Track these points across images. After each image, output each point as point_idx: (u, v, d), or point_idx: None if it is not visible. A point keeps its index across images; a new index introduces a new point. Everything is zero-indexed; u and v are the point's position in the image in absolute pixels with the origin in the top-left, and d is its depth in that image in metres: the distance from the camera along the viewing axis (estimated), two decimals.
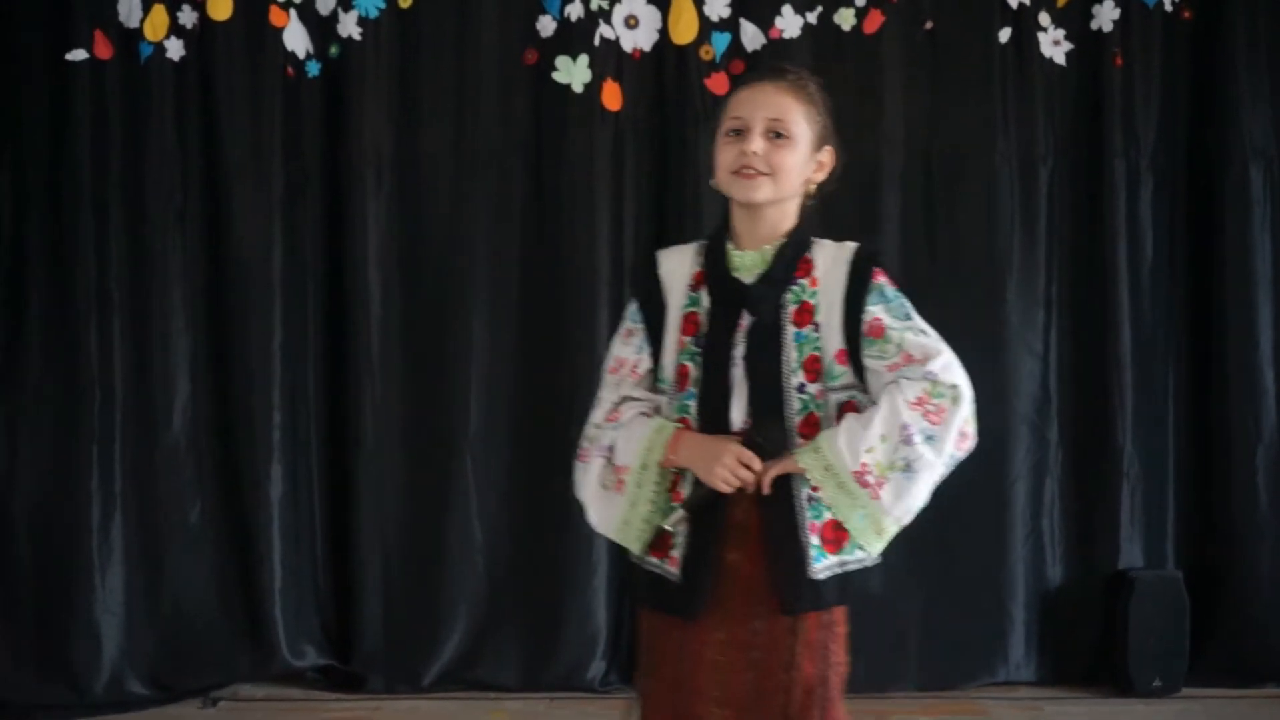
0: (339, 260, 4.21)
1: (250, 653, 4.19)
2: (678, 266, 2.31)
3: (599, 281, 4.14)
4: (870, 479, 2.17)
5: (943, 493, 4.15)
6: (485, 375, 4.18)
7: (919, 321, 2.26)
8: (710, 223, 2.43)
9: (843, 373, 2.24)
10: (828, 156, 2.32)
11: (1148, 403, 4.21)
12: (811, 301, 2.24)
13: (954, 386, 2.21)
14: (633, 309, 2.34)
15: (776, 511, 2.20)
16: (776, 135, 2.24)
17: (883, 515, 2.21)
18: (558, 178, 4.19)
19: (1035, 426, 4.21)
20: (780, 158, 2.23)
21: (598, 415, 2.31)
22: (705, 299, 2.27)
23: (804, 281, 2.25)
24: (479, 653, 4.19)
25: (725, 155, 2.26)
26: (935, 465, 2.21)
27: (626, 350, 2.32)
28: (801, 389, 2.22)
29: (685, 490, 2.24)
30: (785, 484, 2.20)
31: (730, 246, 2.29)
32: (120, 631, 4.11)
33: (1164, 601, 4.10)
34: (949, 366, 2.22)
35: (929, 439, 2.18)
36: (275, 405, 4.16)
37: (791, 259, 2.26)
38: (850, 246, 2.30)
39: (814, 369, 2.23)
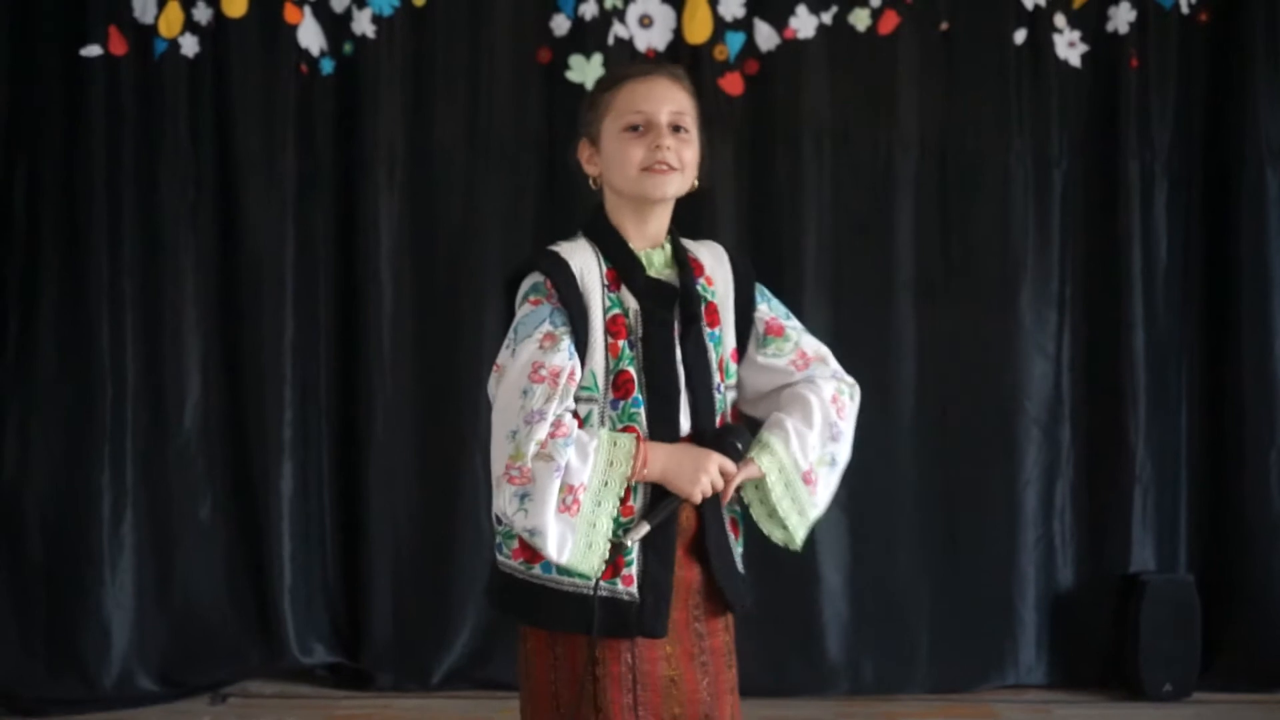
0: (351, 257, 4.22)
1: (260, 649, 4.19)
2: (585, 265, 2.15)
3: None
4: (812, 476, 2.20)
5: (954, 494, 4.18)
6: None
7: (796, 320, 2.29)
8: (699, 223, 2.41)
9: (734, 371, 2.24)
10: (702, 152, 2.27)
11: (1161, 405, 4.20)
12: (714, 301, 2.22)
13: (853, 385, 2.27)
14: (544, 312, 2.10)
15: (713, 514, 2.17)
16: (678, 129, 2.18)
17: (813, 510, 2.22)
18: (570, 176, 4.17)
19: (1047, 429, 4.20)
20: (686, 154, 2.18)
21: (540, 432, 2.03)
22: (629, 300, 2.15)
23: (701, 281, 2.22)
24: (488, 651, 4.18)
25: (632, 151, 2.15)
26: (846, 458, 2.25)
27: (554, 357, 2.06)
28: (718, 389, 2.20)
29: (637, 503, 2.11)
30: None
31: (633, 247, 2.19)
32: (130, 627, 4.12)
33: (1176, 605, 4.09)
34: (837, 364, 2.28)
35: (843, 434, 2.23)
36: (286, 402, 4.17)
37: (686, 258, 2.22)
38: (717, 246, 2.29)
39: (721, 369, 2.21)
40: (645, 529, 2.07)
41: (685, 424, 2.16)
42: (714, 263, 2.25)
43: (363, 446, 4.21)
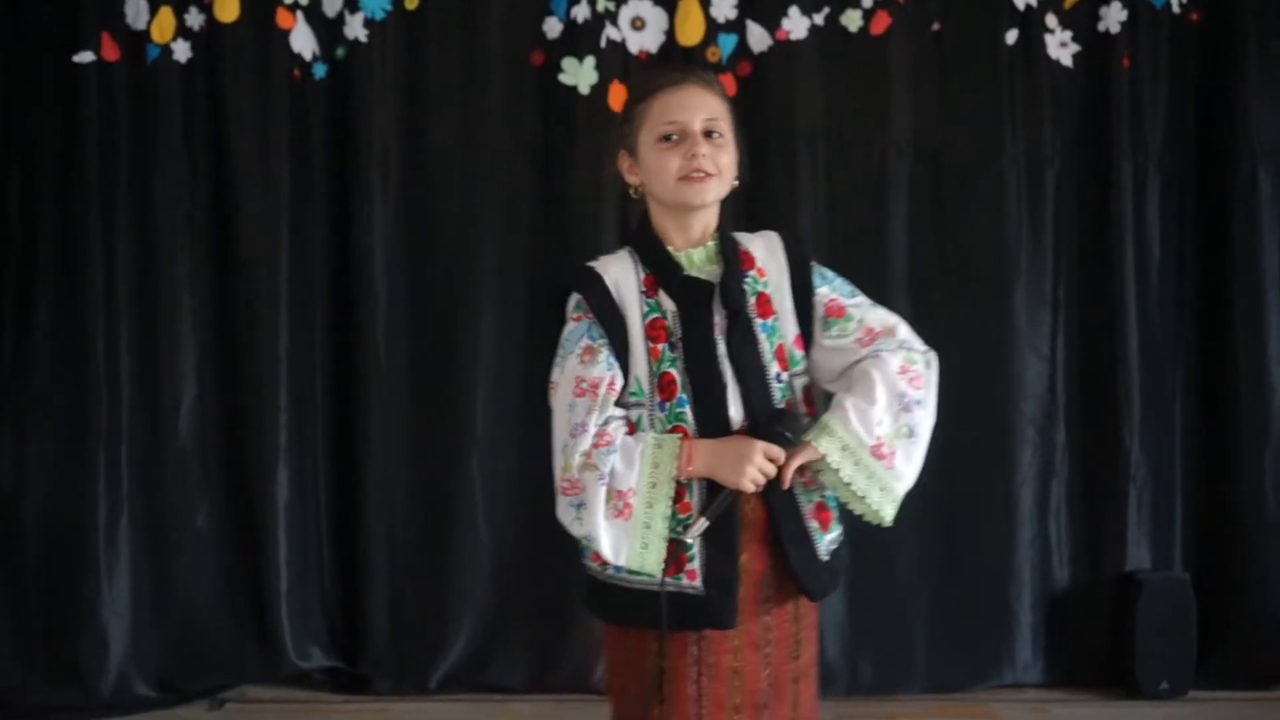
0: (346, 262, 4.22)
1: (257, 655, 4.19)
2: (621, 275, 2.26)
3: None
4: (884, 450, 2.22)
5: (950, 494, 4.19)
6: (492, 377, 4.18)
7: (863, 295, 2.34)
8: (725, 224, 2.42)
9: (801, 357, 2.29)
10: (739, 153, 2.34)
11: (1155, 404, 4.21)
12: (766, 292, 2.28)
13: (925, 352, 2.32)
14: (583, 327, 2.24)
15: (783, 503, 2.22)
16: (711, 134, 2.25)
17: (897, 483, 2.24)
18: (564, 179, 4.19)
19: (1042, 428, 4.21)
20: (722, 159, 2.25)
21: (584, 443, 2.15)
22: (667, 303, 2.24)
23: (753, 273, 2.28)
24: (486, 655, 4.20)
25: (669, 162, 2.23)
26: (928, 427, 2.29)
27: (594, 370, 2.20)
28: (778, 378, 2.25)
29: (693, 499, 2.19)
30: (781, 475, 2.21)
31: (672, 250, 2.28)
32: (127, 633, 4.12)
33: (1172, 604, 4.10)
34: (911, 333, 2.32)
35: (919, 403, 2.26)
36: (282, 408, 4.16)
37: (735, 253, 2.28)
38: (773, 235, 2.34)
39: (781, 357, 2.26)
40: (703, 524, 2.15)
41: (737, 417, 2.21)
42: (766, 254, 2.31)
43: (359, 452, 4.21)
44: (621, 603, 2.23)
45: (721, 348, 2.21)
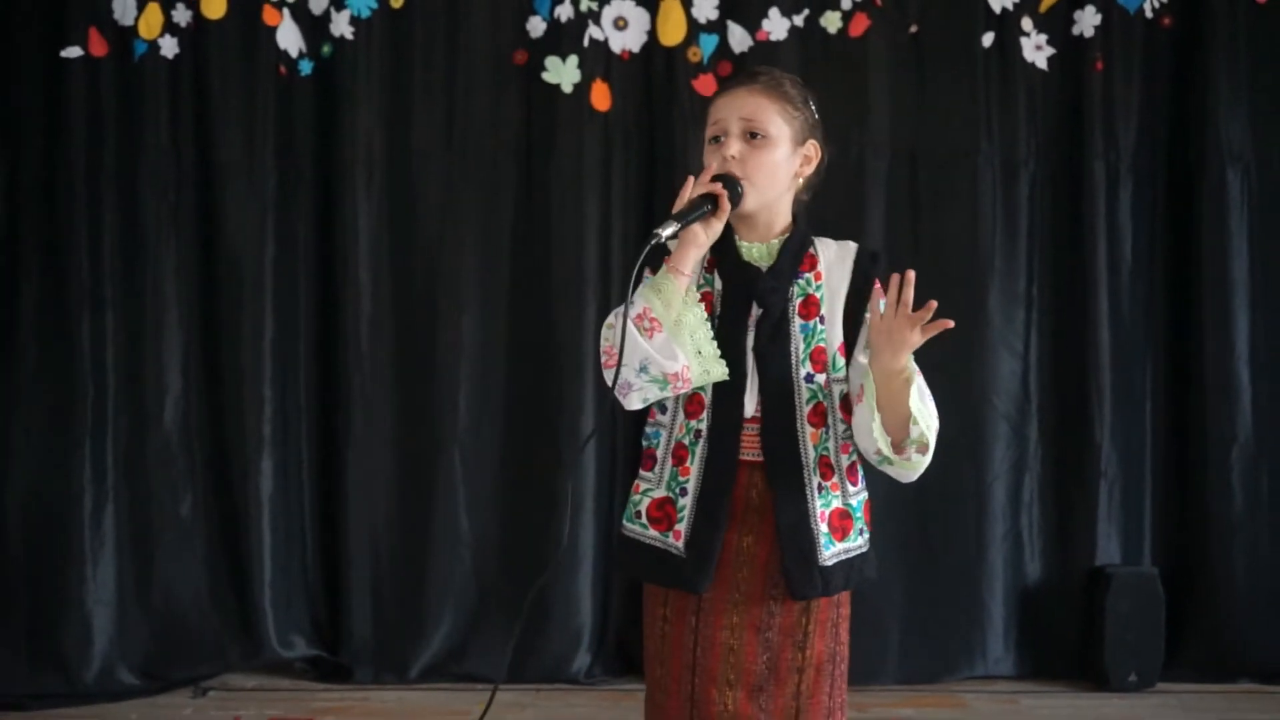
0: (330, 257, 4.25)
1: (240, 643, 4.22)
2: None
3: (587, 279, 4.19)
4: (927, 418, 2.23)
5: (924, 489, 4.23)
6: (474, 371, 4.22)
7: None
8: None
9: (844, 365, 2.30)
10: (813, 150, 2.35)
11: (1126, 402, 4.27)
12: (817, 295, 2.30)
13: (932, 417, 2.26)
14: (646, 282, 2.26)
15: (790, 497, 2.25)
16: (753, 135, 2.27)
17: (933, 438, 2.24)
18: (547, 176, 4.23)
19: (1015, 425, 4.27)
20: (758, 159, 2.26)
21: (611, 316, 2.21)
22: (718, 282, 2.29)
23: (809, 275, 2.30)
24: (465, 645, 4.24)
25: (709, 161, 2.29)
26: (926, 459, 2.26)
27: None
28: (809, 379, 2.27)
29: (693, 465, 2.26)
30: (798, 472, 2.25)
31: (737, 238, 2.31)
32: (112, 622, 4.14)
33: (1140, 597, 4.17)
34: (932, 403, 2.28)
35: (928, 433, 2.24)
36: (266, 400, 4.20)
37: (797, 253, 2.30)
38: (852, 246, 2.36)
39: (820, 360, 2.28)
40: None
41: (750, 406, 2.26)
42: (836, 260, 2.33)
43: (342, 444, 4.24)
44: (633, 555, 2.32)
45: (750, 339, 2.26)
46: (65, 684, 4.07)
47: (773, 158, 2.28)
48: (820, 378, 2.28)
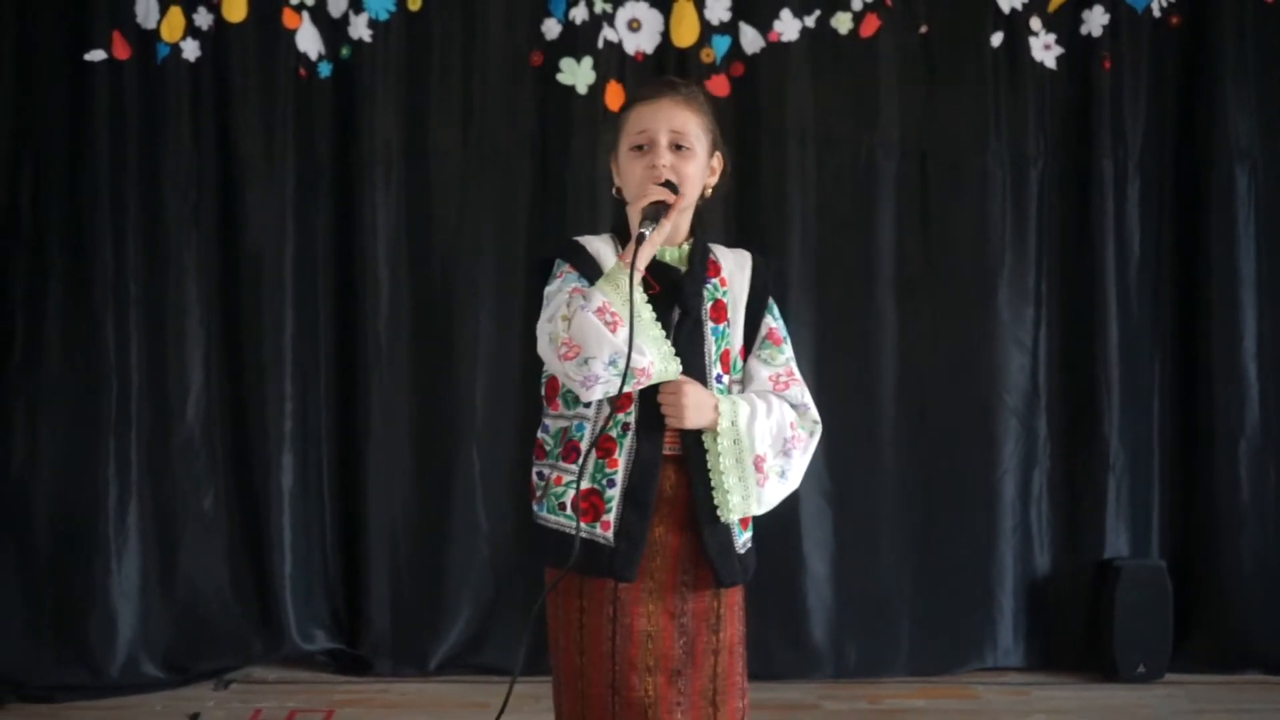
0: (349, 256, 4.30)
1: (261, 637, 4.27)
2: (601, 249, 2.40)
3: None
4: (764, 468, 2.35)
5: (935, 482, 4.28)
6: (491, 368, 4.27)
7: (791, 350, 2.47)
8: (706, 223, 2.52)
9: (743, 367, 2.43)
10: (718, 162, 2.47)
11: (1134, 397, 4.31)
12: (724, 300, 2.42)
13: (816, 422, 2.42)
14: (574, 277, 2.33)
15: (704, 490, 2.34)
16: (678, 147, 2.38)
17: (757, 505, 2.37)
18: (562, 176, 4.27)
19: (1024, 419, 4.31)
20: (685, 169, 2.37)
21: (559, 309, 2.24)
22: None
23: (715, 281, 2.42)
24: (484, 637, 4.28)
25: (634, 170, 2.38)
26: (793, 483, 2.41)
27: (567, 284, 2.31)
28: (719, 379, 2.39)
29: (620, 458, 2.33)
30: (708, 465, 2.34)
31: None
32: (136, 616, 4.19)
33: (1148, 590, 4.20)
34: (811, 403, 2.43)
35: (790, 458, 2.38)
36: (286, 396, 4.25)
37: (703, 259, 2.42)
38: (747, 255, 2.49)
39: (726, 362, 2.41)
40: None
41: None
42: (735, 267, 2.45)
43: (361, 440, 4.29)
44: (554, 548, 2.35)
45: (670, 340, 2.33)
46: (91, 676, 4.11)
47: (695, 168, 2.40)
48: (726, 379, 2.40)
